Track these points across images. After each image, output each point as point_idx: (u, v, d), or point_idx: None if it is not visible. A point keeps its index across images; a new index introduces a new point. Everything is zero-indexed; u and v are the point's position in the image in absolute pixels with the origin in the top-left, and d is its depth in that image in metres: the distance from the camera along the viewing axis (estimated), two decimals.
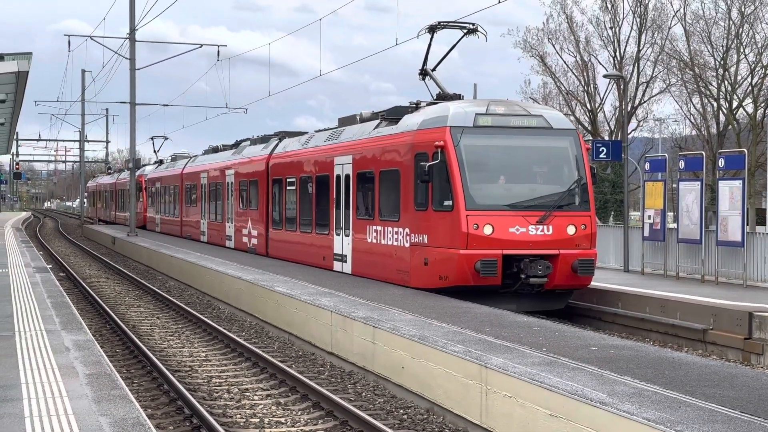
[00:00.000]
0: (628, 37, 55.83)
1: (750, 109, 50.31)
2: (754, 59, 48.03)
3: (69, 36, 51.76)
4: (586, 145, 20.42)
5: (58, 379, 10.98)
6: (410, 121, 21.15)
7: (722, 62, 49.75)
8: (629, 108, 53.10)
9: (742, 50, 49.43)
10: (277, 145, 31.37)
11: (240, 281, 23.42)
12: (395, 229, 20.95)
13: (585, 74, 58.60)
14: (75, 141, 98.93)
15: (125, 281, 33.22)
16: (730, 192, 22.01)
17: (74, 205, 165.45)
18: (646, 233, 25.02)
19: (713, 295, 19.42)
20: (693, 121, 57.49)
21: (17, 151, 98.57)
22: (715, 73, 50.85)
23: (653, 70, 55.75)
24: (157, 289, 28.51)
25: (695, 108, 55.88)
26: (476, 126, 19.48)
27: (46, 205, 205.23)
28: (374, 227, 22.17)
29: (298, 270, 25.24)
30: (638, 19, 55.13)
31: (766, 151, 45.62)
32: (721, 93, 50.58)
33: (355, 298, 18.49)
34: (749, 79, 48.82)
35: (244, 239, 33.60)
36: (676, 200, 25.05)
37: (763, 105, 47.63)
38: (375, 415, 12.72)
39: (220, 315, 23.68)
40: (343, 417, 12.56)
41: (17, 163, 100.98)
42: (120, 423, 8.97)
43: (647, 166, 26.61)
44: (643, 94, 57.08)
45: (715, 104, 51.72)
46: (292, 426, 12.49)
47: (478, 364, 11.83)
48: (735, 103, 50.66)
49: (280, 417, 12.96)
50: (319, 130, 29.09)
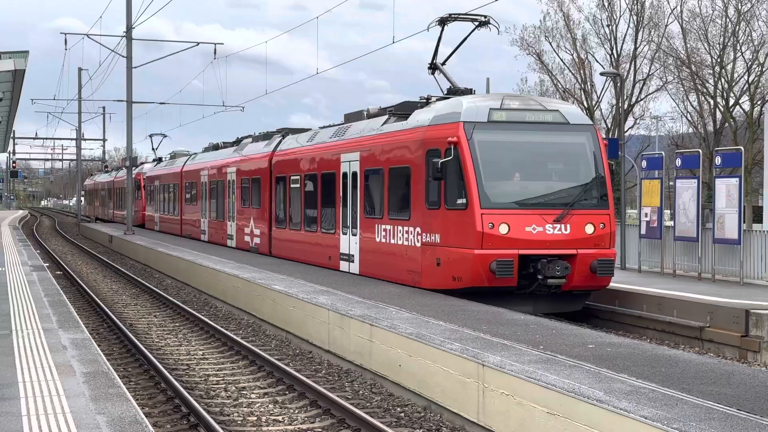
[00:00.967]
0: (625, 34, 55.87)
1: (747, 106, 50.35)
2: (750, 57, 48.07)
3: (65, 34, 51.82)
4: (604, 141, 19.51)
5: (55, 378, 11.00)
6: (421, 117, 20.33)
7: (719, 60, 49.76)
8: (626, 106, 53.07)
9: (738, 48, 49.45)
10: (280, 142, 30.62)
11: (237, 279, 23.39)
12: (406, 229, 20.12)
13: (582, 72, 58.63)
14: (72, 139, 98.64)
15: (122, 279, 33.21)
16: (726, 189, 21.98)
17: (71, 204, 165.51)
18: (643, 231, 25.01)
19: (710, 293, 19.44)
20: (690, 118, 57.60)
21: (14, 150, 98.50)
22: (711, 71, 50.86)
23: (650, 68, 55.78)
24: (154, 288, 28.51)
25: (692, 106, 55.99)
26: (490, 121, 18.59)
27: (43, 203, 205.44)
28: (383, 226, 21.33)
29: (296, 268, 25.22)
30: (635, 17, 55.14)
31: (763, 149, 45.59)
32: (717, 91, 50.60)
33: (353, 296, 18.48)
34: (746, 77, 48.86)
35: (246, 238, 32.85)
36: (672, 198, 25.01)
37: (759, 103, 47.65)
38: (372, 413, 12.74)
39: (217, 313, 23.67)
40: (340, 415, 12.57)
41: (14, 162, 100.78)
42: (117, 421, 8.98)
43: (644, 163, 26.55)
44: (640, 92, 57.12)
45: (711, 102, 51.74)
46: (290, 424, 12.51)
47: (475, 362, 11.85)
48: (732, 101, 50.69)
49: (277, 415, 12.98)
50: (324, 127, 28.33)
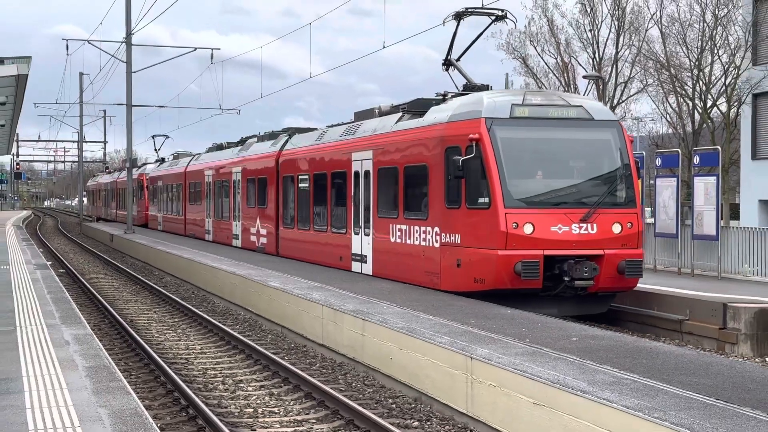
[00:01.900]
0: (607, 39, 55.86)
1: (724, 108, 50.47)
2: (727, 60, 48.11)
3: (67, 40, 51.95)
4: (629, 137, 18.18)
5: (58, 372, 10.99)
6: (438, 114, 18.88)
7: (697, 63, 49.82)
8: (608, 107, 53.16)
9: (716, 51, 49.54)
10: (286, 141, 29.34)
11: (234, 276, 23.41)
12: (423, 229, 18.74)
13: (566, 75, 58.56)
14: (73, 141, 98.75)
15: (123, 277, 33.18)
16: (705, 188, 22.13)
17: (73, 204, 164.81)
18: None
19: (689, 287, 19.52)
20: (669, 119, 57.63)
21: (17, 152, 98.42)
22: (690, 74, 50.93)
23: (631, 71, 55.79)
24: (154, 285, 28.51)
25: (671, 107, 55.99)
26: (513, 117, 17.17)
27: (46, 203, 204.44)
28: (398, 226, 19.92)
29: (292, 266, 25.21)
30: (616, 22, 55.20)
31: (740, 149, 45.78)
32: (696, 93, 50.67)
33: (345, 292, 18.50)
34: (723, 79, 48.92)
35: (252, 238, 31.65)
36: (653, 196, 25.11)
37: (736, 104, 47.79)
38: (365, 404, 12.75)
39: (215, 309, 23.69)
40: (333, 407, 12.58)
41: (17, 164, 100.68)
42: (118, 414, 8.98)
43: None
44: (622, 94, 57.09)
45: (690, 103, 51.80)
46: (285, 416, 12.52)
47: (463, 355, 11.87)
48: (709, 103, 50.79)
49: (273, 407, 12.99)
50: (332, 126, 26.87)
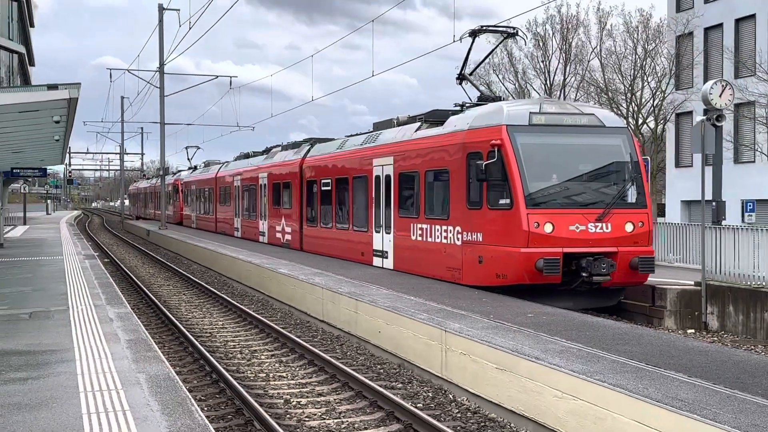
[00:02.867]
0: (556, 68, 55.92)
1: (652, 125, 50.90)
2: (655, 85, 48.38)
3: (110, 70, 52.19)
4: (638, 143, 16.79)
5: (103, 344, 11.00)
6: (459, 122, 17.43)
7: (630, 88, 50.00)
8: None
9: (646, 78, 49.76)
10: (309, 150, 27.80)
11: (250, 264, 23.37)
12: (444, 227, 17.32)
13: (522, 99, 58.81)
14: (116, 153, 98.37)
15: (158, 265, 33.10)
16: None
17: (116, 205, 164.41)
18: None
19: None
20: None
21: (70, 162, 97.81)
22: (624, 97, 51.13)
23: (576, 95, 55.89)
24: (183, 272, 28.44)
25: None
26: (531, 124, 15.82)
27: (93, 205, 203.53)
28: (419, 225, 18.51)
29: (307, 258, 25.18)
30: (564, 54, 55.33)
31: (665, 159, 46.04)
32: (629, 112, 50.83)
33: (342, 277, 18.49)
34: (651, 102, 49.18)
35: (278, 235, 30.02)
36: None
37: (662, 122, 48.04)
38: (357, 369, 12.79)
39: (234, 291, 23.65)
40: (332, 371, 12.61)
41: (69, 172, 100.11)
42: (153, 378, 8.99)
43: None
44: None
45: (625, 122, 52.21)
46: (292, 379, 12.54)
47: (439, 329, 11.88)
48: (641, 121, 51.04)
49: (282, 372, 13.02)
50: (351, 135, 25.23)
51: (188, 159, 61.69)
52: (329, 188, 24.52)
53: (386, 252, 20.42)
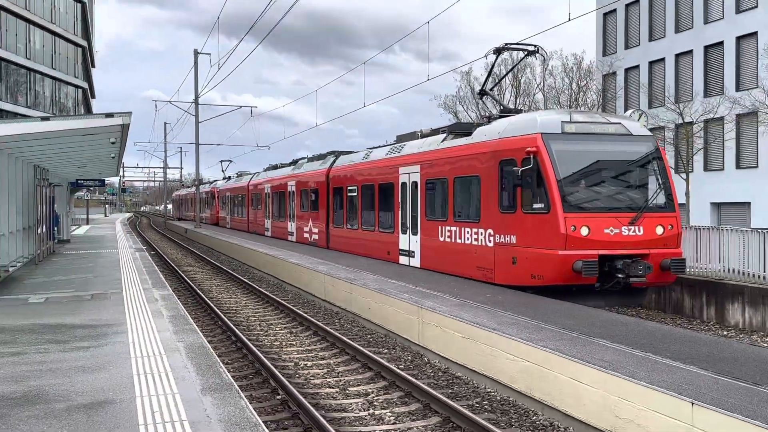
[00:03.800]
0: (509, 101, 56.11)
1: None
2: None
3: (155, 101, 51.99)
4: (663, 150, 14.78)
5: (150, 319, 10.97)
6: (488, 132, 15.31)
7: None
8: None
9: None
10: (334, 161, 25.88)
11: (266, 255, 23.30)
12: (475, 230, 15.19)
13: None
14: (160, 168, 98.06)
15: (193, 257, 32.96)
16: None
17: (161, 209, 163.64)
18: None
19: None
20: None
21: (123, 174, 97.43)
22: None
23: None
24: (213, 261, 28.32)
25: None
26: (564, 132, 13.73)
27: (142, 209, 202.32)
28: (447, 227, 16.43)
29: (326, 255, 25.10)
30: (514, 89, 55.49)
31: None
32: None
33: (340, 266, 18.45)
34: None
35: (305, 234, 28.05)
36: None
37: None
38: (352, 338, 12.79)
39: (254, 277, 23.58)
40: (332, 340, 12.59)
41: (123, 182, 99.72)
42: (190, 346, 8.96)
43: None
44: None
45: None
46: (300, 346, 12.51)
47: (416, 306, 11.87)
48: None
49: (292, 341, 12.99)
50: (373, 147, 23.13)
51: (222, 171, 60.95)
52: (355, 194, 22.66)
53: (413, 251, 18.38)
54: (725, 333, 13.66)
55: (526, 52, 17.28)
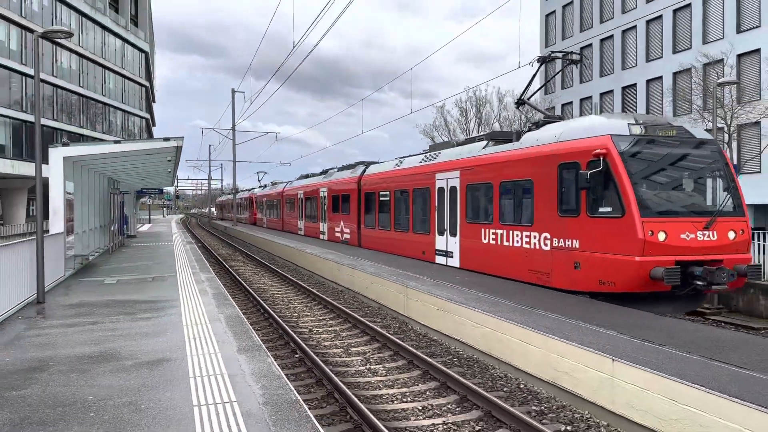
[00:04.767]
0: (473, 129, 56.26)
1: None
2: None
3: (202, 128, 51.95)
4: (726, 154, 11.10)
5: (198, 296, 10.91)
6: (541, 136, 12.00)
7: None
8: None
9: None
10: (365, 169, 22.83)
11: (287, 247, 23.17)
12: (526, 233, 11.91)
13: None
14: (205, 179, 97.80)
15: (231, 248, 32.78)
16: None
17: (207, 211, 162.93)
18: None
19: None
20: None
21: (177, 184, 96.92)
22: None
23: None
24: (247, 252, 28.17)
25: None
26: (632, 135, 10.48)
27: (192, 211, 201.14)
28: (492, 230, 13.11)
29: (340, 248, 24.89)
30: (477, 120, 55.64)
31: None
32: None
33: (345, 255, 18.38)
34: None
35: (337, 234, 24.82)
36: None
37: None
38: (353, 310, 12.73)
39: (278, 263, 23.45)
40: (337, 312, 12.54)
41: (177, 190, 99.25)
42: (229, 317, 8.91)
43: None
44: None
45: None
46: (313, 317, 12.43)
47: (402, 286, 11.82)
48: None
49: (308, 313, 12.90)
50: (405, 156, 19.52)
51: (258, 180, 59.87)
52: (387, 198, 19.27)
53: (451, 252, 15.08)
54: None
55: (568, 61, 14.03)
